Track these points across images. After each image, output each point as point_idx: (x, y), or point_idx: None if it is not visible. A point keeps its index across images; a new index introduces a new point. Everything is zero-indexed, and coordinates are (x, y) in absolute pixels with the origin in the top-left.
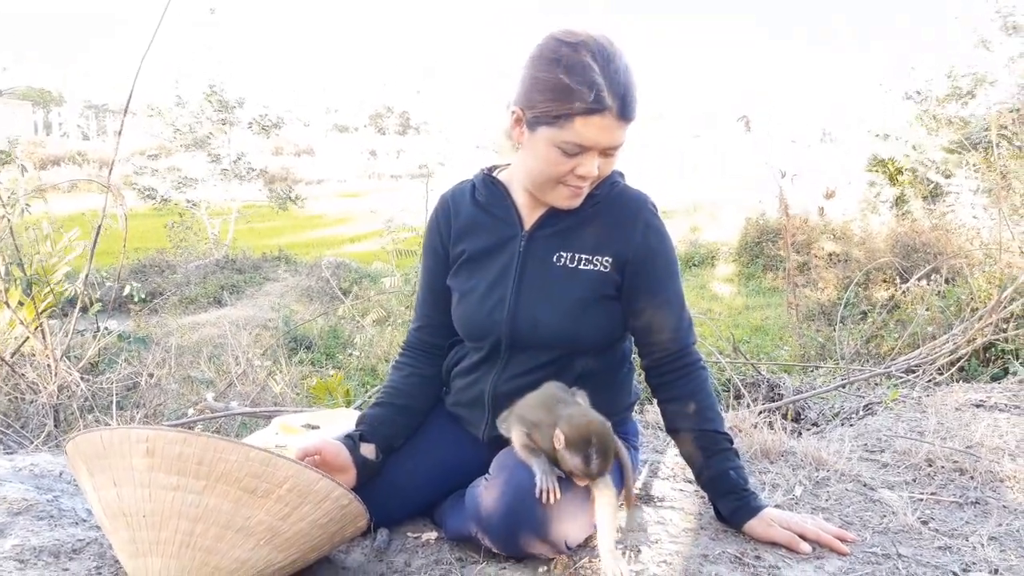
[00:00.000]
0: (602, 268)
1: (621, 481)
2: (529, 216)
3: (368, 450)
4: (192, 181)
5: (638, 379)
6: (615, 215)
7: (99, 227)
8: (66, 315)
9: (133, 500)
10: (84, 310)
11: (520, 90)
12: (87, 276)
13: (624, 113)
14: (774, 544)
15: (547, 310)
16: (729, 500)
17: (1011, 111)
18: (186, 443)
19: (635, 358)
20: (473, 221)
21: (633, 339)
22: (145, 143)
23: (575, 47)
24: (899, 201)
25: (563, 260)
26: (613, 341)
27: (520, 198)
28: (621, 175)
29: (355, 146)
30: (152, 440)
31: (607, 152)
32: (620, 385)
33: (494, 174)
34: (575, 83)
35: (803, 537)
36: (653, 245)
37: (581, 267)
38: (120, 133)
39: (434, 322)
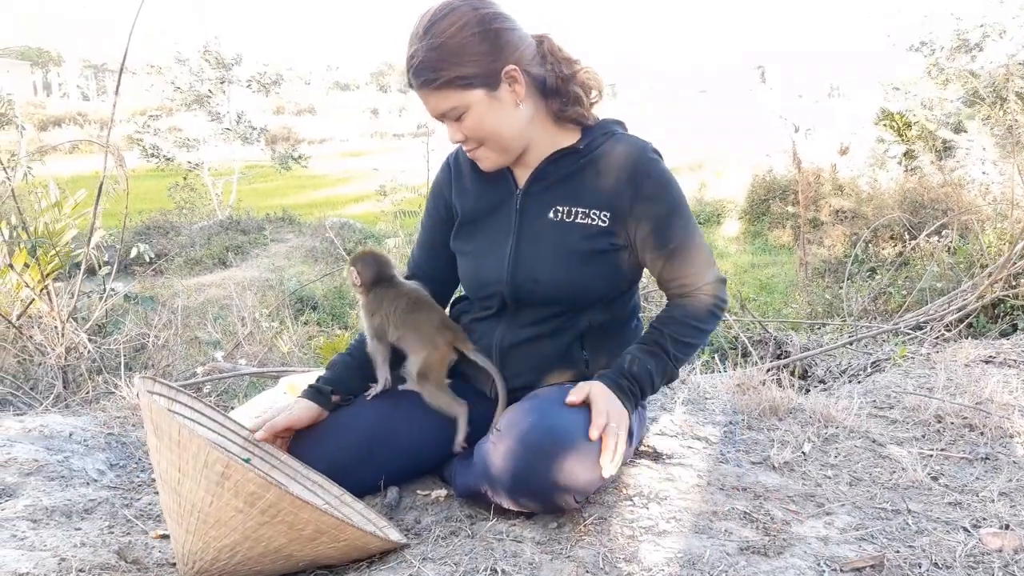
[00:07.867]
0: (600, 223)
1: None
2: (521, 174)
3: (336, 398)
4: (194, 141)
5: None
6: (610, 167)
7: (100, 188)
8: (72, 277)
9: (194, 495)
10: (91, 272)
11: None
12: (90, 238)
13: (413, 84)
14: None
15: (545, 266)
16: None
17: (1021, 63)
18: (261, 487)
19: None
20: (473, 183)
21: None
22: (146, 102)
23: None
24: (908, 156)
25: (559, 215)
26: (618, 294)
27: None
28: (621, 124)
29: (357, 104)
30: (229, 469)
31: (443, 119)
32: (628, 340)
33: None
34: None
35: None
36: (651, 195)
37: (578, 220)
38: (117, 91)
39: (426, 271)
